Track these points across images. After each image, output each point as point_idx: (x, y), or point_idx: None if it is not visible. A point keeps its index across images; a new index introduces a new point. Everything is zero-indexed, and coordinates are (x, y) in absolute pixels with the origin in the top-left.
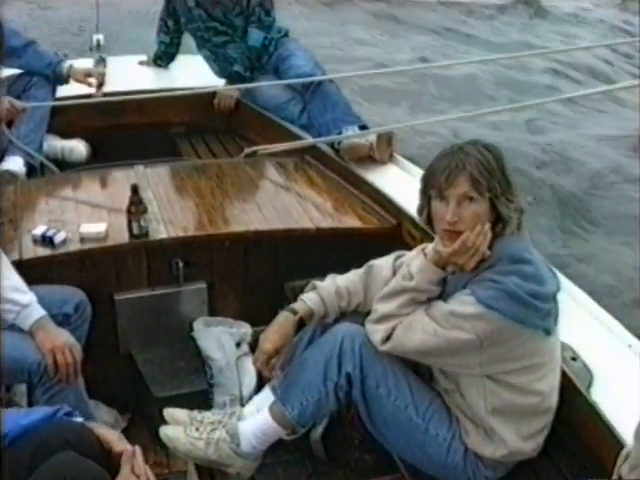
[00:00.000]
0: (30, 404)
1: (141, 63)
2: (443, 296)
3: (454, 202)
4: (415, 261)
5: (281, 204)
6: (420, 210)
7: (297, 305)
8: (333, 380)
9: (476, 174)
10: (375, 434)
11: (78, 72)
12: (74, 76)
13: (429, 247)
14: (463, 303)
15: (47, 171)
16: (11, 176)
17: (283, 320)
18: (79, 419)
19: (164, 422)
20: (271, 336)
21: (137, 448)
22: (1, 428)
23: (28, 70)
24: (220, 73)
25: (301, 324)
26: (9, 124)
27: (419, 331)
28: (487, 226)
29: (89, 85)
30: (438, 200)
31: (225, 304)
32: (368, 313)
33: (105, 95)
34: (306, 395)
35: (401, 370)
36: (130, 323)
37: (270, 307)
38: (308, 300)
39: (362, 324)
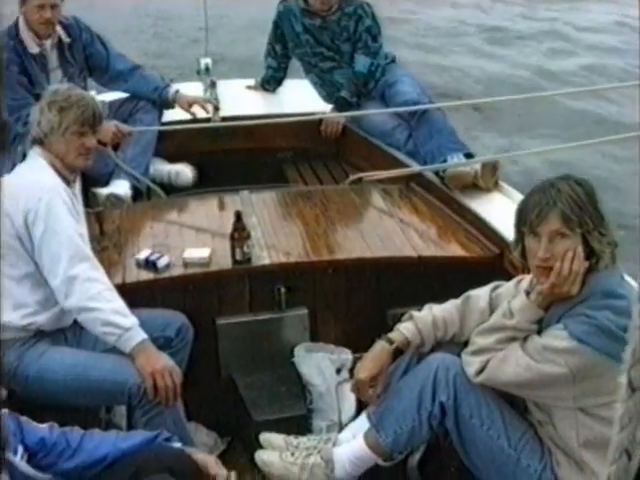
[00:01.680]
0: (129, 426)
1: (249, 87)
2: (537, 329)
3: (546, 238)
4: (517, 300)
5: (384, 231)
6: (515, 245)
7: (394, 335)
8: (427, 409)
9: (567, 211)
10: (468, 463)
11: (183, 99)
12: (179, 103)
13: (526, 279)
14: (556, 337)
15: (153, 195)
16: (117, 200)
17: (379, 349)
18: (177, 444)
19: (262, 446)
20: (367, 365)
21: (232, 474)
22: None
23: (134, 94)
24: (327, 98)
25: (397, 353)
26: (115, 148)
27: (513, 364)
28: (579, 248)
29: (193, 115)
30: (531, 236)
31: (327, 330)
32: (464, 343)
33: (222, 119)
34: (400, 423)
35: (494, 401)
36: (231, 347)
37: (371, 334)
38: (405, 330)
39: (457, 354)
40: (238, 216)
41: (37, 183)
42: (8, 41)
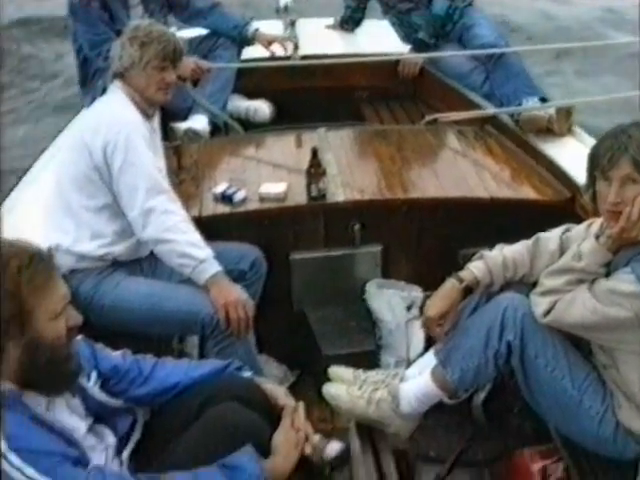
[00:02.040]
0: (201, 356)
1: (328, 27)
2: (605, 272)
3: (617, 183)
4: (586, 243)
5: (458, 172)
6: (586, 189)
7: (464, 273)
8: (494, 347)
9: (638, 157)
10: (532, 403)
11: (263, 37)
12: (259, 40)
13: (597, 222)
14: (624, 281)
15: (231, 130)
16: (195, 134)
17: (449, 287)
18: (248, 374)
19: (330, 379)
20: (437, 302)
21: (300, 404)
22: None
23: (214, 31)
24: (405, 39)
25: (467, 291)
26: (195, 83)
27: (580, 306)
28: None
29: (272, 53)
30: (602, 181)
31: (398, 267)
32: (532, 284)
33: (301, 58)
34: (467, 361)
35: (560, 342)
36: (304, 282)
37: (442, 273)
38: (475, 269)
39: (526, 294)
40: (314, 152)
41: (117, 116)
42: None
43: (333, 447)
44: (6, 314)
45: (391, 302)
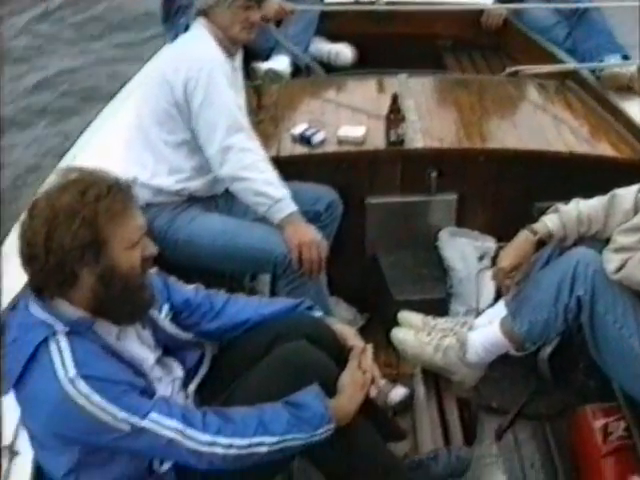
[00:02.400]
0: (272, 294)
1: None
2: None
3: None
4: None
5: (537, 125)
6: None
7: (538, 226)
8: (564, 302)
9: None
10: (597, 360)
11: None
12: None
13: None
14: None
15: (312, 72)
16: (276, 75)
17: (523, 239)
18: (318, 313)
19: (399, 324)
20: (510, 253)
21: (368, 346)
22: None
23: None
24: None
25: (540, 244)
26: (278, 24)
27: None
28: None
29: None
30: None
31: (473, 217)
32: (605, 240)
33: (386, 4)
34: (536, 313)
35: (630, 300)
36: (378, 226)
37: (516, 224)
38: (549, 222)
39: (599, 251)
40: (395, 98)
41: (199, 53)
42: None
43: (397, 392)
44: (82, 241)
45: (464, 251)
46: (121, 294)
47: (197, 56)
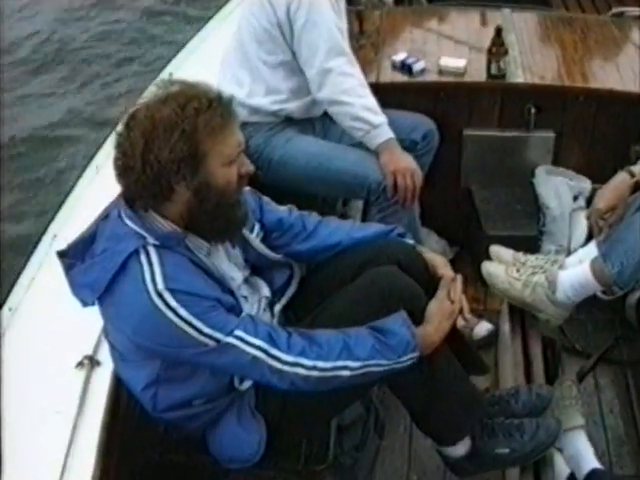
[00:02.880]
0: (363, 221)
1: None
2: None
3: None
4: None
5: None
6: None
7: (636, 168)
8: None
9: None
10: None
11: None
12: None
13: None
14: None
15: (415, 1)
16: (379, 1)
17: (620, 181)
18: (411, 241)
19: (489, 259)
20: (606, 195)
21: (458, 276)
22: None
23: None
24: None
25: (637, 187)
26: None
27: None
28: None
29: None
30: None
31: (569, 156)
32: None
33: None
34: (628, 256)
35: None
36: (474, 160)
37: (613, 166)
38: None
39: None
40: (498, 31)
41: None
42: None
43: (483, 327)
44: (180, 155)
45: (559, 190)
46: (215, 210)
47: None
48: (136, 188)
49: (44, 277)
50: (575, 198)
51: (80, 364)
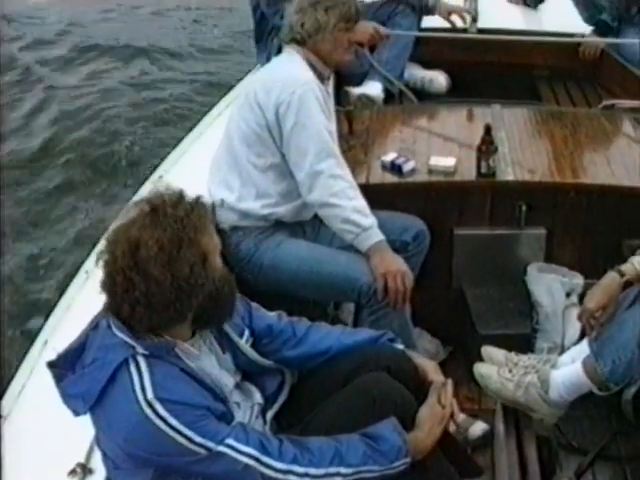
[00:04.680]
0: (355, 323)
1: (510, 0)
2: None
3: None
4: None
5: (631, 161)
6: None
7: (626, 267)
8: None
9: None
10: None
11: (444, 7)
12: (439, 11)
13: None
14: None
15: (405, 99)
16: (368, 100)
17: (610, 280)
18: (400, 346)
19: (482, 359)
20: (597, 294)
21: (449, 381)
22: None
23: None
24: (588, 20)
25: (627, 285)
26: (372, 49)
27: None
28: None
29: (451, 24)
30: None
31: (561, 252)
32: None
33: (480, 31)
34: (620, 354)
35: None
36: (466, 258)
37: (605, 262)
38: (637, 263)
39: None
40: (487, 129)
41: (292, 77)
42: None
43: (477, 427)
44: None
45: (551, 287)
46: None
47: (290, 79)
48: (152, 313)
49: (35, 384)
50: (568, 294)
51: (73, 472)
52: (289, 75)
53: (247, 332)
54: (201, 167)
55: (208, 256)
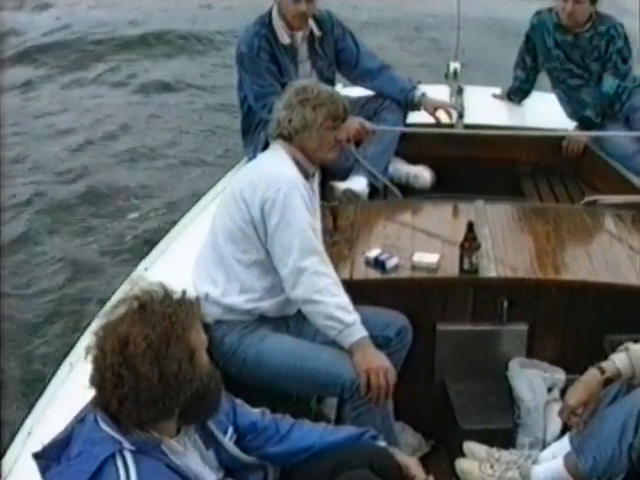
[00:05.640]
0: (338, 418)
1: (495, 96)
2: None
3: None
4: None
5: (612, 257)
6: None
7: (606, 365)
8: (628, 440)
9: None
10: None
11: (429, 103)
12: (425, 106)
13: None
14: None
15: (389, 194)
16: (353, 195)
17: (591, 378)
18: (382, 443)
19: (464, 454)
20: (577, 392)
21: (430, 477)
22: None
23: (381, 93)
24: (572, 115)
25: (608, 382)
26: (357, 144)
27: None
28: None
29: (437, 119)
30: None
31: (543, 348)
32: None
33: (465, 127)
34: (600, 450)
35: None
36: (448, 354)
37: (587, 357)
38: (618, 361)
39: None
40: (470, 226)
41: (277, 174)
42: (260, 29)
43: None
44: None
45: (533, 382)
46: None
47: (275, 176)
48: (141, 407)
49: (19, 474)
50: (550, 390)
51: None
52: (274, 172)
53: (231, 429)
54: (186, 260)
55: (195, 352)
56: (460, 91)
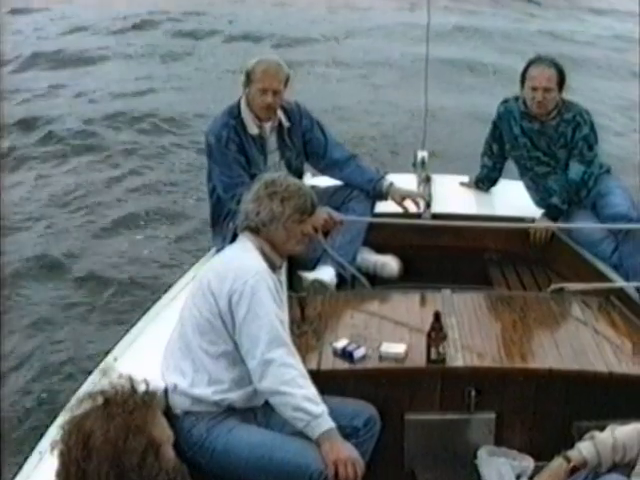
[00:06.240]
0: None
1: (462, 184)
2: None
3: None
4: None
5: (578, 344)
6: None
7: (572, 453)
8: None
9: None
10: None
11: (397, 193)
12: (392, 196)
13: None
14: None
15: (357, 284)
16: (321, 286)
17: (557, 466)
18: None
19: None
20: None
21: None
22: None
23: (349, 183)
24: (539, 203)
25: (575, 470)
26: (325, 234)
27: None
28: None
29: (404, 209)
30: None
31: (511, 435)
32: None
33: (433, 216)
34: None
35: None
36: (417, 443)
37: (556, 444)
38: (584, 450)
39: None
40: (437, 316)
41: (245, 266)
42: (229, 120)
43: None
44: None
45: (501, 470)
46: None
47: (243, 269)
48: None
49: None
50: (518, 477)
51: None
52: (242, 264)
53: None
54: (155, 350)
55: (161, 447)
56: (428, 180)
